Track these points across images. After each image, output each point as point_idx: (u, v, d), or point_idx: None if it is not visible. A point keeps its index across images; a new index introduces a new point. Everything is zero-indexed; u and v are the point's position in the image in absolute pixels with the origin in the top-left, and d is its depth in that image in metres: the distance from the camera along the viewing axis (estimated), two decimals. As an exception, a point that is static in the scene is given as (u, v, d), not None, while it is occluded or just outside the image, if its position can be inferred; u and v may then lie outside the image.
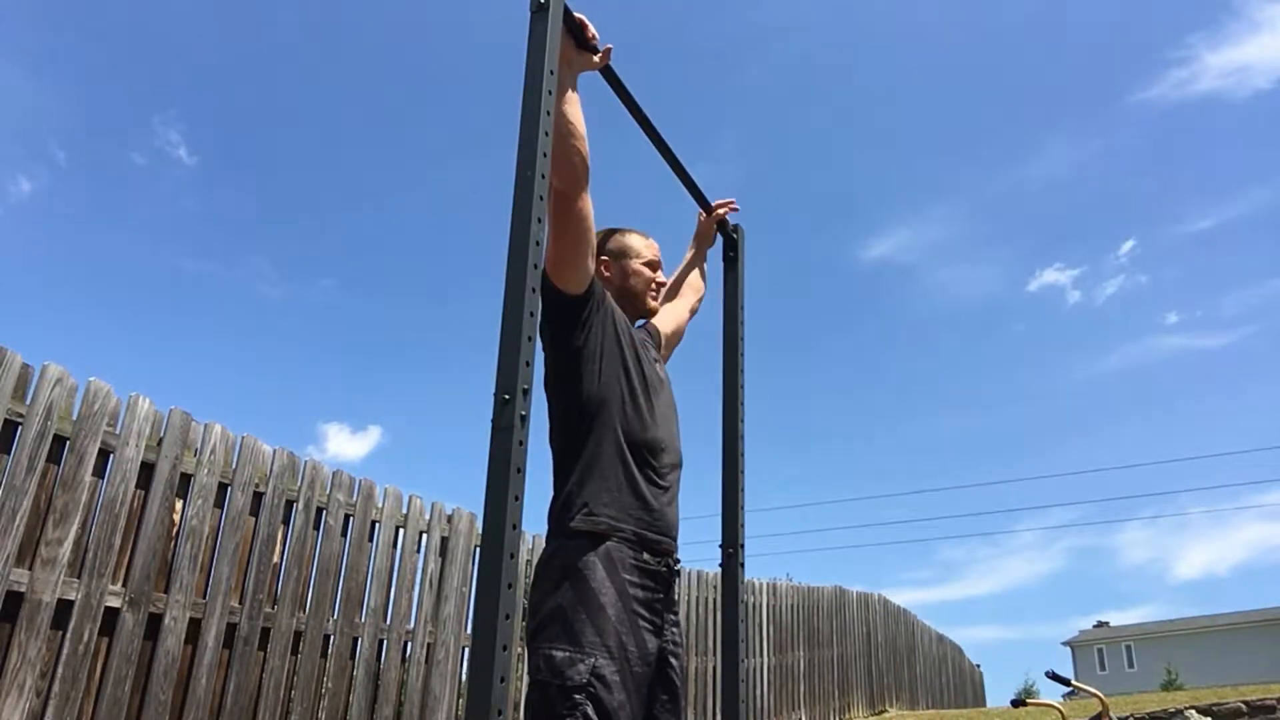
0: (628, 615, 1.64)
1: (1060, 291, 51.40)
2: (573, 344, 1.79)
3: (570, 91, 1.79)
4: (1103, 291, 50.87)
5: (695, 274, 2.50)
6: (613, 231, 2.10)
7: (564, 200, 1.75)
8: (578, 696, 1.53)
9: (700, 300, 2.47)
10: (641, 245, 2.08)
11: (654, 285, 2.07)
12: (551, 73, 1.63)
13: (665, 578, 1.77)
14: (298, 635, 3.54)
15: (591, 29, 1.83)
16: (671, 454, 1.89)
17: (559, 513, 1.74)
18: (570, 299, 1.79)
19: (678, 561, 1.85)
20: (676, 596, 1.86)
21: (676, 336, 2.32)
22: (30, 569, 2.66)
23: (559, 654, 1.57)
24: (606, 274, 2.03)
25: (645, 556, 1.72)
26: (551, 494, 1.78)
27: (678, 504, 1.91)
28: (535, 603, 1.67)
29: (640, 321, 2.11)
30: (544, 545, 1.77)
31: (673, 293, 2.42)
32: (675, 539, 1.85)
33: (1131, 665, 32.21)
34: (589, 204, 1.79)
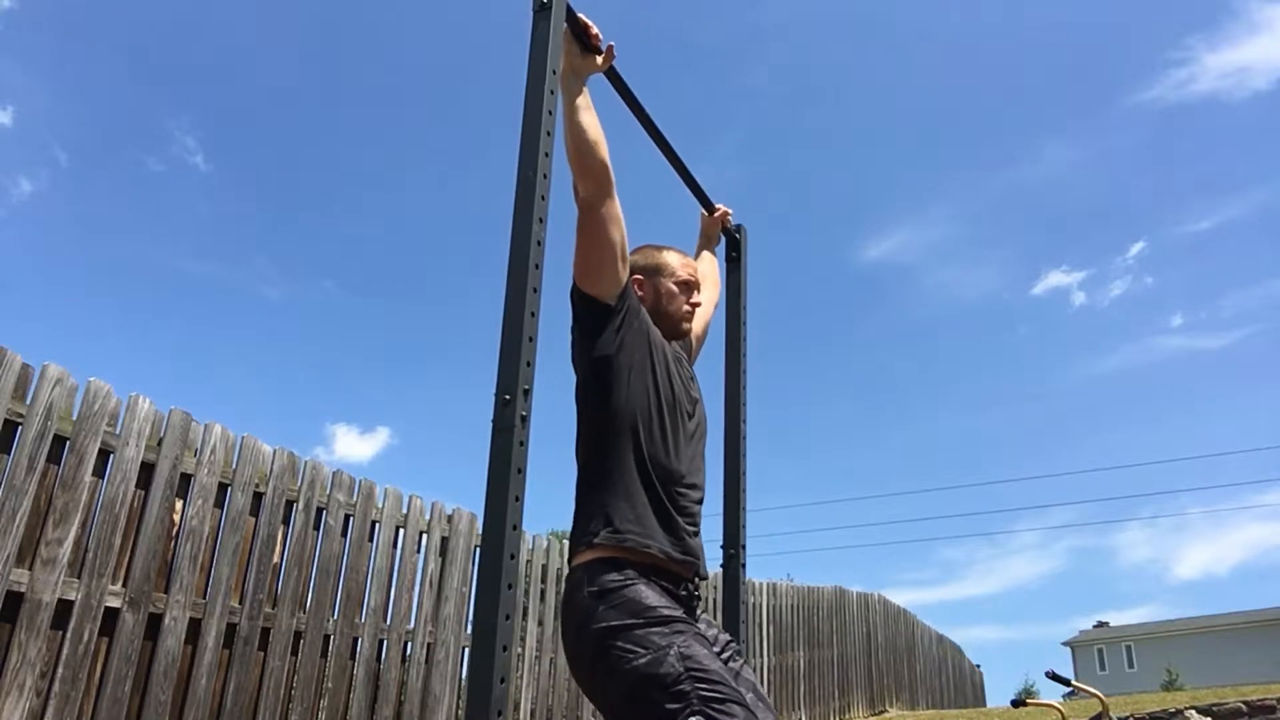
0: (669, 600, 1.62)
1: (1065, 294, 51.37)
2: (603, 353, 1.73)
3: (584, 99, 1.76)
4: (1108, 294, 50.89)
5: (711, 267, 2.47)
6: (648, 248, 2.03)
7: (590, 208, 1.72)
8: (682, 687, 1.46)
9: (719, 293, 2.44)
10: (678, 264, 2.01)
11: (689, 307, 2.00)
12: (554, 72, 1.63)
13: (686, 601, 1.71)
14: (298, 635, 3.53)
15: (595, 30, 1.82)
16: (692, 482, 1.81)
17: (583, 526, 1.68)
18: (601, 306, 1.74)
19: (698, 586, 1.79)
20: (700, 613, 1.80)
21: (704, 334, 2.28)
22: (30, 569, 2.66)
23: (641, 661, 1.49)
24: (640, 293, 1.95)
25: (664, 584, 1.66)
26: (574, 507, 1.73)
27: (700, 535, 1.85)
28: (578, 635, 1.59)
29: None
30: (570, 559, 1.70)
31: None
32: (701, 563, 1.78)
33: (1131, 665, 32.19)
34: (617, 209, 1.75)
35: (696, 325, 2.20)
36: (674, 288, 1.98)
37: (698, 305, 2.04)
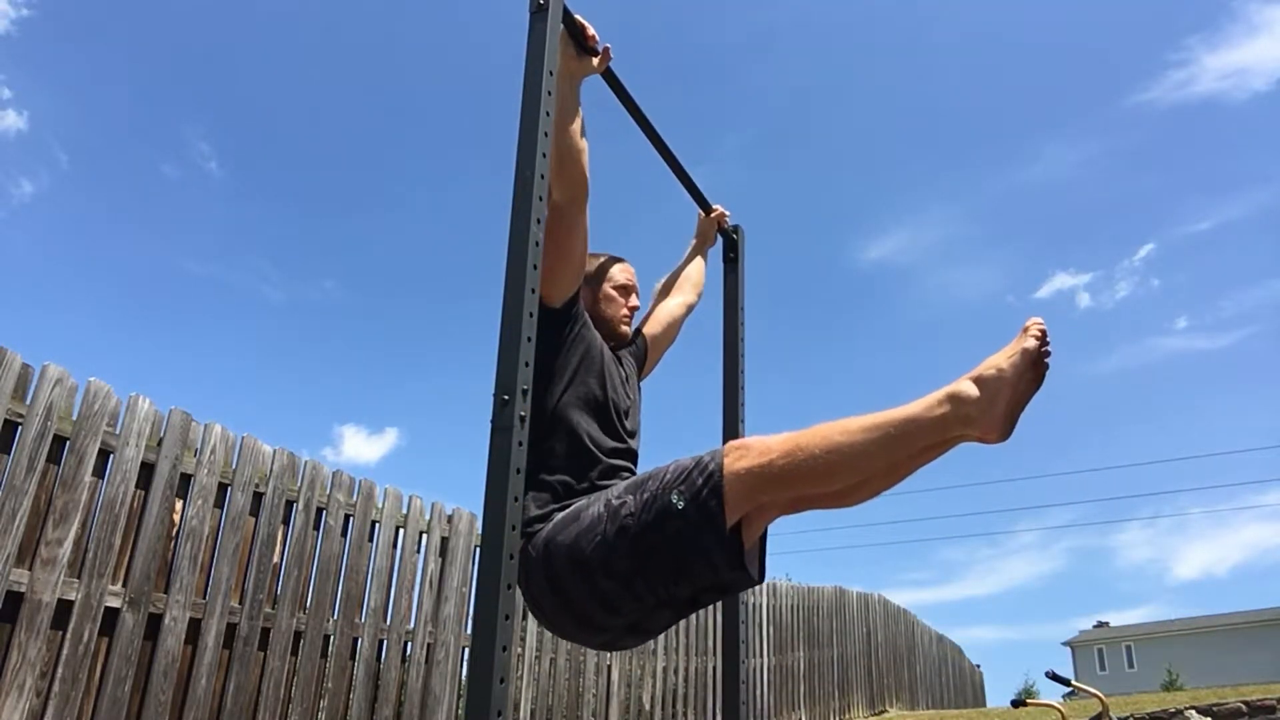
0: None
1: (1070, 296, 51.27)
2: (543, 355, 1.74)
3: (574, 106, 1.78)
4: (1113, 296, 50.82)
5: (695, 270, 2.46)
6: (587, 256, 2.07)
7: (561, 213, 1.75)
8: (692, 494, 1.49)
9: (699, 297, 2.45)
10: (615, 270, 2.06)
11: (626, 311, 2.05)
12: (551, 73, 1.64)
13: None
14: (298, 635, 3.54)
15: (591, 31, 1.82)
16: (623, 465, 1.84)
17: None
18: (550, 311, 1.77)
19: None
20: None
21: (669, 336, 2.29)
22: (30, 569, 2.66)
23: (614, 506, 1.55)
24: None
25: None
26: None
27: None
28: (548, 587, 1.61)
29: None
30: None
31: (670, 289, 2.40)
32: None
33: (1131, 665, 32.17)
34: (585, 221, 1.79)
35: (656, 327, 2.24)
36: (612, 292, 2.03)
37: (635, 309, 2.08)
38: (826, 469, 1.42)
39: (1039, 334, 1.44)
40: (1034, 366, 1.42)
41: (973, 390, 1.41)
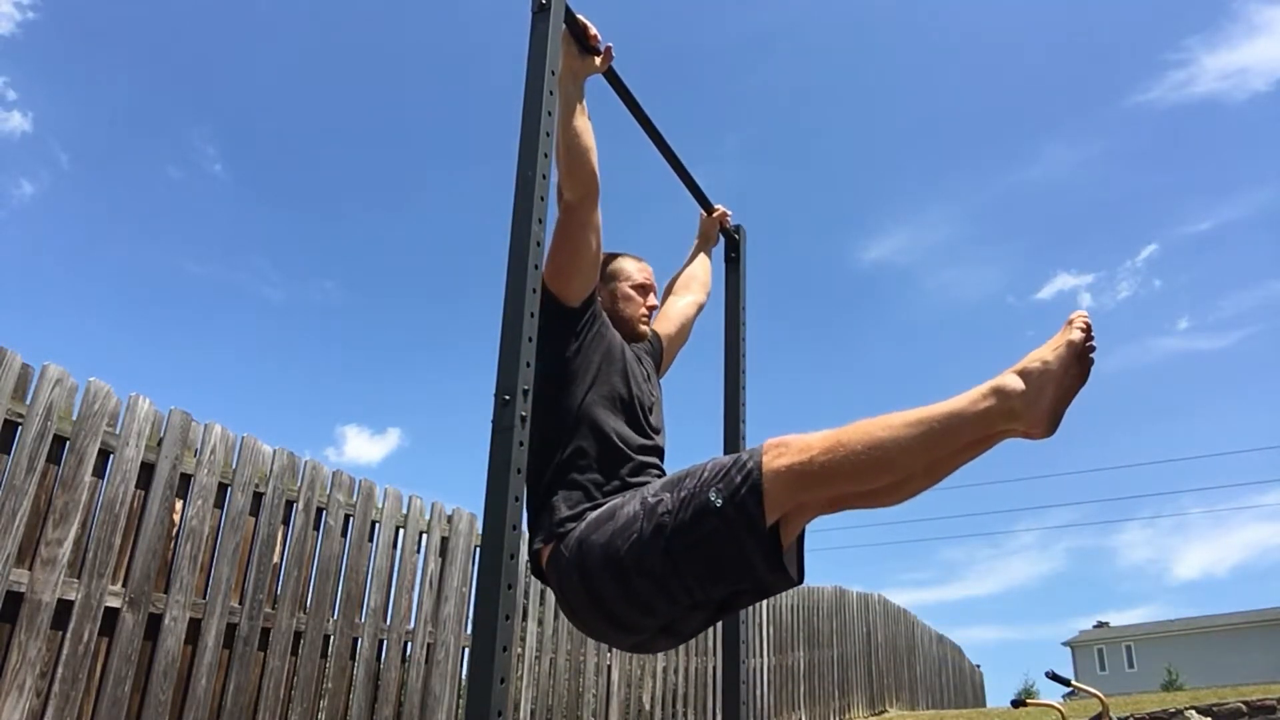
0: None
1: (1072, 297, 51.27)
2: (560, 354, 1.76)
3: (579, 103, 1.78)
4: (1115, 297, 50.82)
5: (702, 269, 2.46)
6: (603, 255, 2.05)
7: (573, 212, 1.75)
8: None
9: (707, 295, 2.44)
10: (633, 269, 2.05)
11: (645, 310, 2.04)
12: (553, 73, 1.64)
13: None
14: (298, 635, 3.53)
15: (594, 30, 1.82)
16: (650, 462, 1.84)
17: (541, 513, 1.69)
18: (565, 308, 1.77)
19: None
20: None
21: (682, 336, 2.29)
22: (30, 569, 2.66)
23: (651, 504, 1.53)
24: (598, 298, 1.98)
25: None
26: (526, 490, 1.76)
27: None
28: (585, 591, 1.58)
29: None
30: (535, 543, 1.70)
31: (679, 288, 2.39)
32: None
33: (1131, 665, 32.17)
34: (598, 218, 1.78)
35: (669, 326, 2.22)
36: (630, 291, 2.02)
37: (654, 308, 2.07)
38: (869, 466, 1.38)
39: (1084, 326, 1.39)
40: (1079, 360, 1.38)
41: (1018, 383, 1.37)
